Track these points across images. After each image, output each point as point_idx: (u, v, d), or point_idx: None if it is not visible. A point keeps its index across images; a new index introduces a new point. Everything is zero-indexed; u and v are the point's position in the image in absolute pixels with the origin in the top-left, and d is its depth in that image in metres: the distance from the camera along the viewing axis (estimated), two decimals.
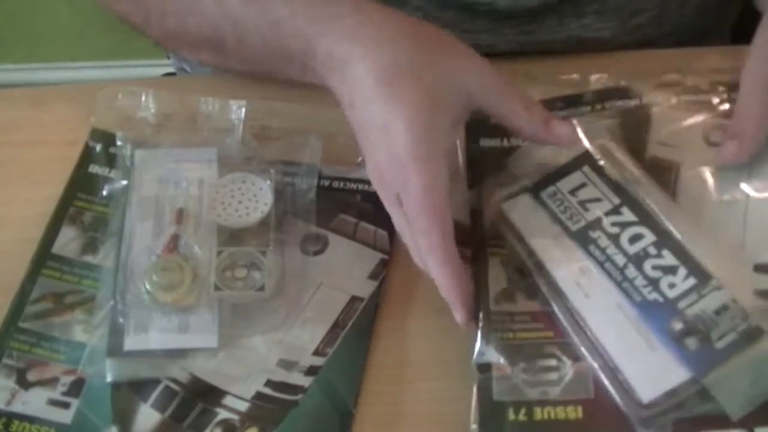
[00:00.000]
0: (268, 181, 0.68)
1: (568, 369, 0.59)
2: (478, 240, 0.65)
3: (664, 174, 0.67)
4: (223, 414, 0.60)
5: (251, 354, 0.63)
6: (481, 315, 0.61)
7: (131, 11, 0.72)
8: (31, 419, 0.60)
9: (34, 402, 0.61)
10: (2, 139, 0.75)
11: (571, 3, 0.77)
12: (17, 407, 0.60)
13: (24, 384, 0.61)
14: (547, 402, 0.58)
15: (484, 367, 0.60)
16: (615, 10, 0.78)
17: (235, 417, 0.60)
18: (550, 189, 0.65)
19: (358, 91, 0.60)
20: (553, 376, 0.59)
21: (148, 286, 0.63)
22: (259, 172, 0.68)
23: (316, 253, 0.67)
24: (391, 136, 0.58)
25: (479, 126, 0.69)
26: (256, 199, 0.67)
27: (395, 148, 0.58)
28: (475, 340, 0.60)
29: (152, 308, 0.63)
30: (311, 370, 0.62)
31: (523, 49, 0.78)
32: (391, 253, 0.67)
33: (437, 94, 0.59)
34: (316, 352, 0.63)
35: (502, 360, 0.59)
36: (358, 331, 0.64)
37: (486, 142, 0.69)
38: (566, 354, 0.60)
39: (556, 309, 0.61)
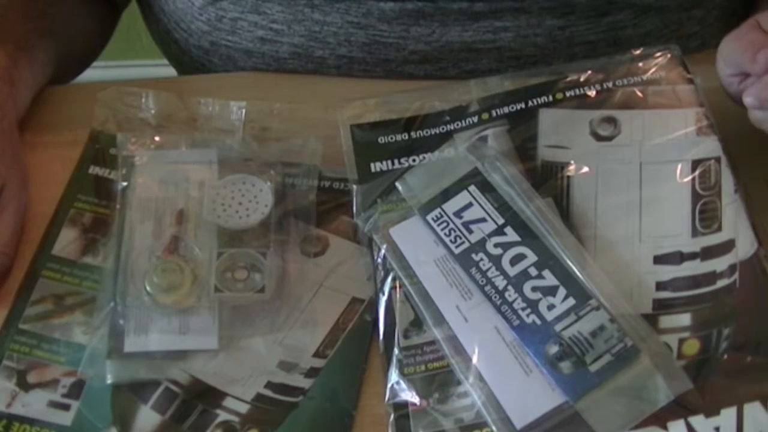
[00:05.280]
0: (269, 183, 0.68)
1: (480, 391, 0.58)
2: (378, 271, 0.64)
3: (556, 177, 0.66)
4: (223, 416, 0.60)
5: (251, 356, 0.62)
6: (393, 352, 0.61)
7: None
8: (31, 421, 0.60)
9: (34, 404, 0.61)
10: None
11: None
12: (17, 409, 0.60)
13: (24, 386, 0.61)
14: (464, 428, 0.58)
15: (399, 405, 0.59)
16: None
17: (235, 419, 0.60)
18: (436, 212, 0.64)
19: None
20: (467, 401, 0.59)
21: (148, 288, 0.63)
22: (259, 173, 0.68)
23: (316, 255, 0.67)
24: None
25: (369, 150, 0.68)
26: (256, 200, 0.67)
27: None
28: (386, 382, 0.60)
29: (152, 310, 0.63)
30: (311, 372, 0.62)
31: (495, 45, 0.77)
32: None
33: None
34: (317, 354, 0.63)
35: (415, 395, 0.59)
36: (358, 332, 0.64)
37: (376, 166, 0.68)
38: (477, 377, 0.59)
39: (438, 337, 0.60)
